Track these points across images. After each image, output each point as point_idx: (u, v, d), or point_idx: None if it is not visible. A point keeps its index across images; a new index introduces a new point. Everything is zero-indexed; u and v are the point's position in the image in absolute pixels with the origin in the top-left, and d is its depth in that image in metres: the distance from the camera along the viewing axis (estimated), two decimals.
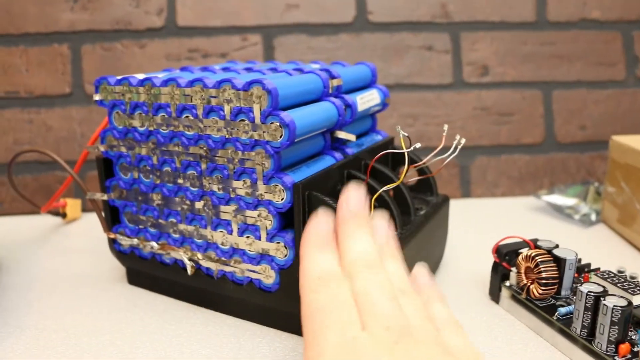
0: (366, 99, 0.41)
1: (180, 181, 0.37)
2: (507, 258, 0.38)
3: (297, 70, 0.39)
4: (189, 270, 0.37)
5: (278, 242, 0.34)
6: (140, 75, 0.38)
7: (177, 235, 0.38)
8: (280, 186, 0.33)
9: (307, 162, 0.36)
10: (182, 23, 0.61)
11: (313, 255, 0.26)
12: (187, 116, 0.35)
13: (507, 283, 0.38)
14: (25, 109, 0.61)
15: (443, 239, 0.44)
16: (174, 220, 0.38)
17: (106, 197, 0.40)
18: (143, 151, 0.38)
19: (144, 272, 0.41)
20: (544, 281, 0.34)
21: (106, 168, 0.40)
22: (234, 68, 0.43)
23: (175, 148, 0.36)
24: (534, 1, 0.64)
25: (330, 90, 0.38)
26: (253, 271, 0.35)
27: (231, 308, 0.38)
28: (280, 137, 0.32)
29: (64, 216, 0.57)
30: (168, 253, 0.39)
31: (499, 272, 0.38)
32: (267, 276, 0.35)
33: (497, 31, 0.65)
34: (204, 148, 0.35)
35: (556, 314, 0.34)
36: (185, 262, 0.38)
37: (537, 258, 0.35)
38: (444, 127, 0.35)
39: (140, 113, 0.37)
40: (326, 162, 0.37)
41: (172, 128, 0.36)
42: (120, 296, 0.41)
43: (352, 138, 0.38)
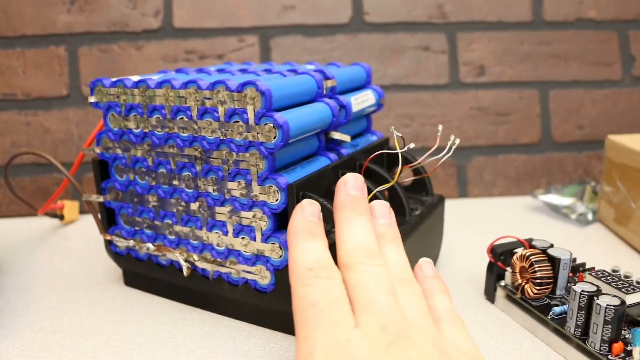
0: (361, 100, 0.42)
1: (175, 183, 0.37)
2: (502, 258, 0.38)
3: (292, 71, 0.39)
4: (185, 271, 0.38)
5: (273, 243, 0.34)
6: (135, 77, 0.38)
7: (173, 236, 0.38)
8: (274, 187, 0.33)
9: (302, 163, 0.36)
10: (179, 24, 0.61)
11: (301, 244, 0.26)
12: (182, 118, 0.35)
13: (502, 283, 0.38)
14: (22, 111, 0.61)
15: (438, 239, 0.44)
16: (170, 221, 0.38)
17: (102, 199, 0.40)
18: (138, 153, 0.38)
19: (140, 274, 0.41)
20: (539, 281, 0.35)
21: (102, 170, 0.40)
22: (229, 69, 0.43)
23: (170, 150, 0.36)
24: (530, 1, 0.65)
25: (324, 91, 0.38)
26: (248, 272, 0.35)
27: (227, 309, 0.38)
28: (274, 138, 0.32)
29: (62, 218, 0.57)
30: (164, 254, 0.39)
31: (494, 272, 0.38)
32: (263, 277, 0.35)
33: (494, 31, 0.65)
34: (199, 149, 0.35)
35: (550, 314, 0.34)
36: (181, 264, 0.38)
37: (532, 258, 0.35)
38: (439, 127, 0.36)
39: (135, 115, 0.37)
40: (321, 163, 0.37)
41: (167, 130, 0.36)
42: (116, 297, 0.41)
43: (347, 139, 0.38)
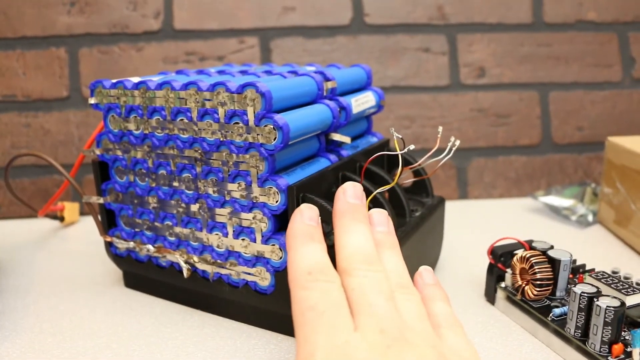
0: (361, 101, 0.42)
1: (175, 184, 0.37)
2: (502, 259, 0.38)
3: (292, 72, 0.39)
4: (185, 273, 0.38)
5: (273, 245, 0.34)
6: (135, 78, 0.38)
7: (173, 238, 0.38)
8: (274, 189, 0.33)
9: (302, 165, 0.36)
10: (179, 26, 0.61)
11: (300, 248, 0.26)
12: (182, 119, 0.35)
13: (503, 284, 0.38)
14: (22, 113, 0.61)
15: (439, 241, 0.44)
16: (170, 223, 0.38)
17: (102, 201, 0.40)
18: (138, 154, 0.38)
19: (141, 275, 0.41)
20: (539, 282, 0.35)
21: (102, 171, 0.40)
22: (230, 71, 0.43)
23: (170, 151, 0.36)
24: (531, 3, 0.65)
25: (324, 92, 0.38)
26: (249, 273, 0.35)
27: (227, 310, 0.38)
28: (274, 140, 0.32)
29: (62, 220, 0.57)
30: (164, 256, 0.39)
31: (494, 274, 0.38)
32: (263, 278, 0.35)
33: (494, 33, 0.65)
34: (199, 151, 0.35)
35: (551, 315, 0.34)
36: (181, 265, 0.38)
37: (532, 259, 0.35)
38: (439, 129, 0.36)
39: (135, 116, 0.37)
40: (321, 165, 0.37)
41: (167, 131, 0.36)
42: (116, 299, 0.41)
43: (347, 140, 0.38)
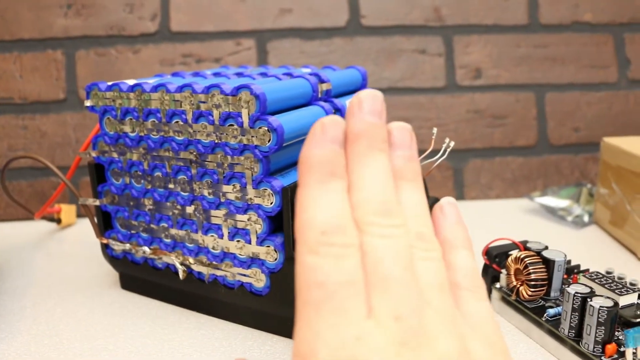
0: None
1: (171, 186, 0.37)
2: (497, 260, 0.38)
3: (287, 74, 0.40)
4: (181, 274, 0.38)
5: (268, 246, 0.34)
6: (130, 81, 0.38)
7: (169, 240, 0.38)
8: (269, 190, 0.33)
9: (296, 167, 0.36)
10: (176, 28, 0.61)
11: (315, 190, 0.19)
12: (177, 121, 0.35)
13: (497, 285, 0.38)
14: (19, 115, 0.61)
15: None
16: (166, 225, 0.38)
17: (98, 203, 0.41)
18: (134, 156, 0.38)
19: (137, 277, 0.41)
20: (533, 283, 0.35)
21: (98, 174, 0.40)
22: (225, 73, 0.43)
23: (165, 153, 0.36)
24: (527, 4, 0.65)
25: (319, 94, 0.38)
26: (244, 275, 0.35)
27: (223, 312, 0.38)
28: (268, 142, 0.32)
29: (59, 222, 0.57)
30: (160, 258, 0.39)
31: (489, 274, 0.38)
32: (258, 280, 0.35)
33: (490, 34, 0.65)
34: (194, 153, 0.35)
35: (545, 315, 0.34)
36: (177, 267, 0.38)
37: (526, 260, 0.35)
38: (433, 130, 0.36)
39: (130, 119, 0.37)
40: None
41: (163, 133, 0.36)
42: (113, 301, 0.41)
43: None
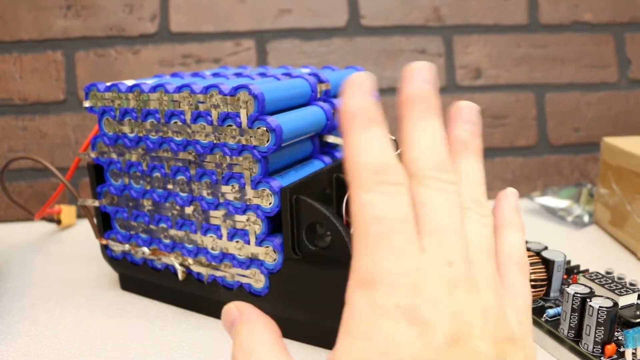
0: None
1: (170, 187, 0.37)
2: None
3: (286, 75, 0.40)
4: (180, 275, 0.38)
5: (267, 247, 0.34)
6: (129, 81, 0.38)
7: (168, 240, 0.38)
8: (268, 191, 0.33)
9: (296, 167, 0.36)
10: (175, 29, 0.61)
11: (362, 135, 0.20)
12: (176, 122, 0.35)
13: None
14: (19, 116, 0.61)
15: None
16: (165, 225, 0.38)
17: (97, 204, 0.41)
18: (133, 157, 0.38)
19: (136, 278, 0.41)
20: (533, 283, 0.35)
21: (97, 174, 0.40)
22: (224, 73, 0.43)
23: (164, 154, 0.36)
24: (527, 4, 0.65)
25: (318, 94, 0.38)
26: (243, 275, 0.35)
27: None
28: (267, 142, 0.32)
29: (59, 223, 0.57)
30: (159, 258, 0.39)
31: None
32: (257, 280, 0.35)
33: (490, 34, 0.65)
34: (193, 153, 0.35)
35: (545, 316, 0.34)
36: (176, 268, 0.38)
37: None
38: None
39: (129, 119, 0.37)
40: (315, 167, 0.37)
41: (161, 134, 0.36)
42: (112, 302, 0.41)
43: (341, 142, 0.38)
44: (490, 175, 0.66)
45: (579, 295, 0.30)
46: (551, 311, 0.34)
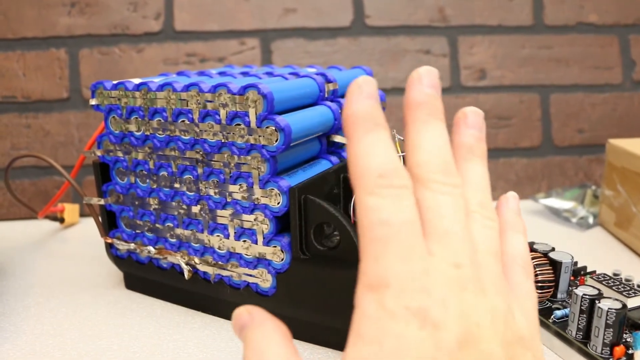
0: None
1: (176, 185, 0.37)
2: None
3: (293, 74, 0.39)
4: (186, 274, 0.37)
5: (275, 246, 0.34)
6: (136, 79, 0.38)
7: (174, 239, 0.38)
8: (276, 190, 0.33)
9: (303, 166, 0.36)
10: (180, 27, 0.61)
11: (365, 138, 0.20)
12: (183, 120, 0.35)
13: None
14: (22, 114, 0.61)
15: None
16: (171, 224, 0.38)
17: (103, 202, 0.40)
18: (139, 156, 0.38)
19: (141, 277, 0.41)
20: (540, 284, 0.34)
21: (103, 173, 0.40)
22: (231, 72, 0.43)
23: (171, 152, 0.36)
24: (532, 5, 0.65)
25: (326, 94, 0.38)
26: (250, 275, 0.35)
27: (228, 312, 0.37)
28: (275, 141, 0.32)
29: (62, 221, 0.57)
30: (165, 258, 0.39)
31: None
32: (264, 280, 0.35)
33: (495, 35, 0.65)
34: (200, 152, 0.35)
35: (552, 317, 0.34)
36: (182, 267, 0.38)
37: (533, 261, 0.35)
38: None
39: (136, 118, 0.37)
40: (322, 166, 0.37)
41: (169, 132, 0.36)
42: (117, 301, 0.41)
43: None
44: (494, 176, 0.66)
45: (588, 296, 0.30)
46: (559, 312, 0.34)
